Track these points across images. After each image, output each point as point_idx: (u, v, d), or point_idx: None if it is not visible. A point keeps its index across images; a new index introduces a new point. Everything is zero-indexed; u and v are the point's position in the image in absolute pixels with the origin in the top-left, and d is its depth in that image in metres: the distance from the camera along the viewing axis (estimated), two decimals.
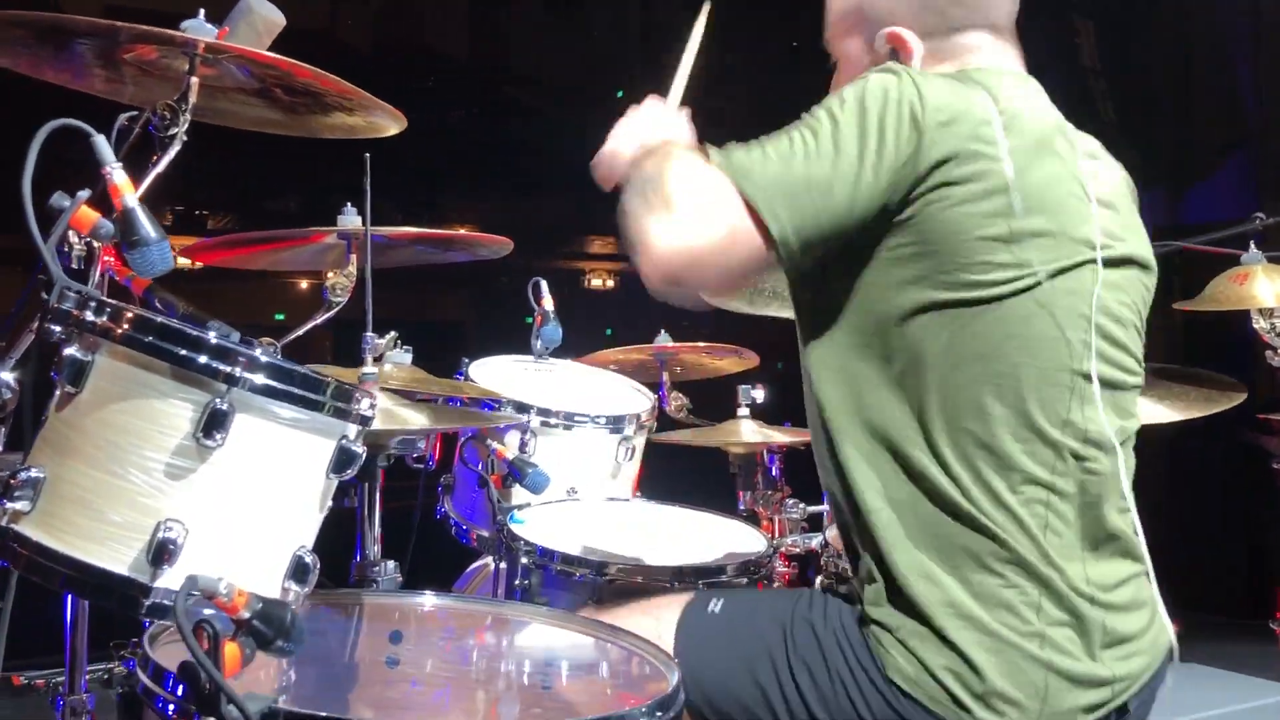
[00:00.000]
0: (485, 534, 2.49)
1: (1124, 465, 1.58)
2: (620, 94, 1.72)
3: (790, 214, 1.46)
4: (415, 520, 2.56)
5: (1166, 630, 1.63)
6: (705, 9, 1.90)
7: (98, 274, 1.88)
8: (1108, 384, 1.57)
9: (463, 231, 2.56)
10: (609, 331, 2.91)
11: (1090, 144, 1.70)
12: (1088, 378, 1.53)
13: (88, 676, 1.93)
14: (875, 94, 1.48)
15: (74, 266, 1.83)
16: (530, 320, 2.78)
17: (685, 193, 1.51)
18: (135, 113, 2.04)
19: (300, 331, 2.43)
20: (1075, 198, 1.57)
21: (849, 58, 1.73)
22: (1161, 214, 6.84)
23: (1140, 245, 1.67)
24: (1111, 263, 1.58)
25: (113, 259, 1.87)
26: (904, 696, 1.50)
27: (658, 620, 1.69)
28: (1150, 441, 1.73)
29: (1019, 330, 1.50)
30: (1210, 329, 4.13)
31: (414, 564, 2.51)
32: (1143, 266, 1.67)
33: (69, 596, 1.92)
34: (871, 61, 1.67)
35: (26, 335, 1.77)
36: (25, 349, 1.68)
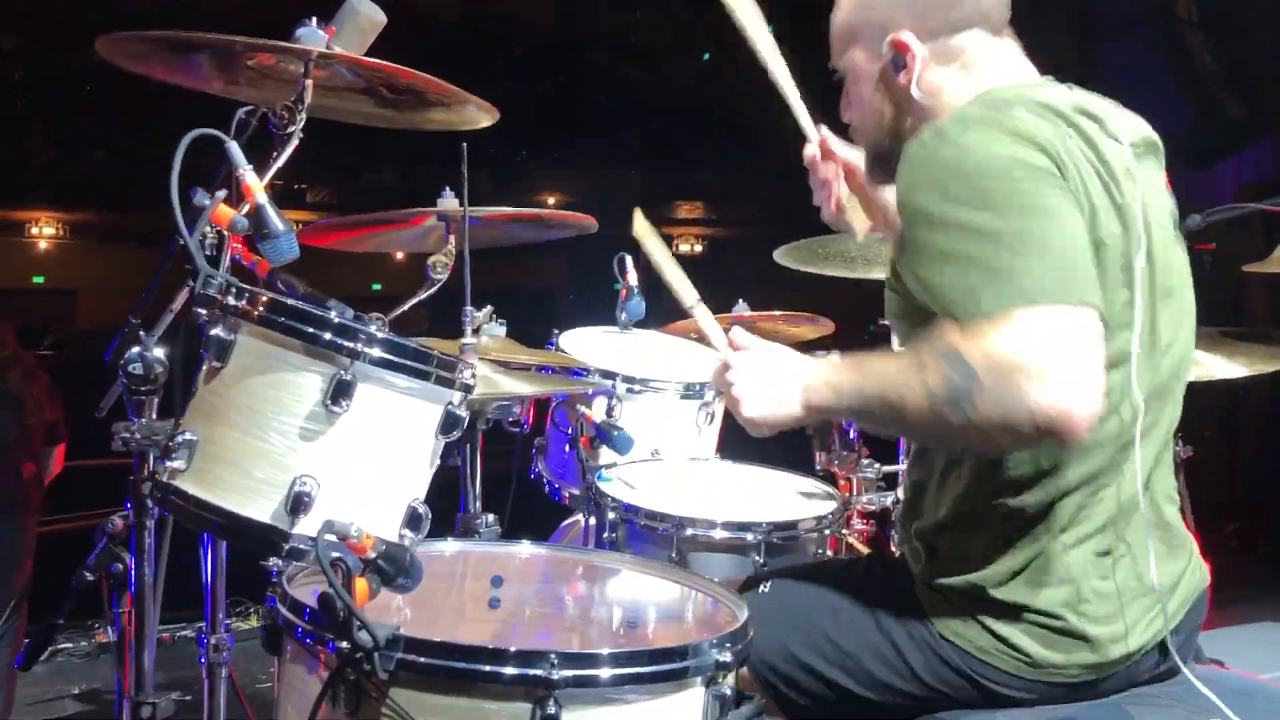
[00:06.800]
0: (576, 492, 2.68)
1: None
2: (706, 57, 1.80)
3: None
4: (513, 478, 2.76)
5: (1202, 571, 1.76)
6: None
7: (228, 259, 2.11)
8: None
9: (551, 211, 2.71)
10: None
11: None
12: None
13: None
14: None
15: (207, 254, 2.06)
16: (618, 288, 2.94)
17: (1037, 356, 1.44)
18: (252, 107, 2.25)
19: (405, 307, 2.64)
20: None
21: (856, 70, 1.79)
22: (1269, 166, 6.70)
23: None
24: None
25: (240, 245, 2.09)
26: (953, 648, 1.65)
27: None
28: (1216, 397, 1.84)
29: None
30: None
31: (513, 519, 2.72)
32: None
33: (208, 552, 2.17)
34: (878, 68, 1.76)
35: (166, 315, 2.01)
36: (165, 327, 1.92)
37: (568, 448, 2.58)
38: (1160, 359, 1.66)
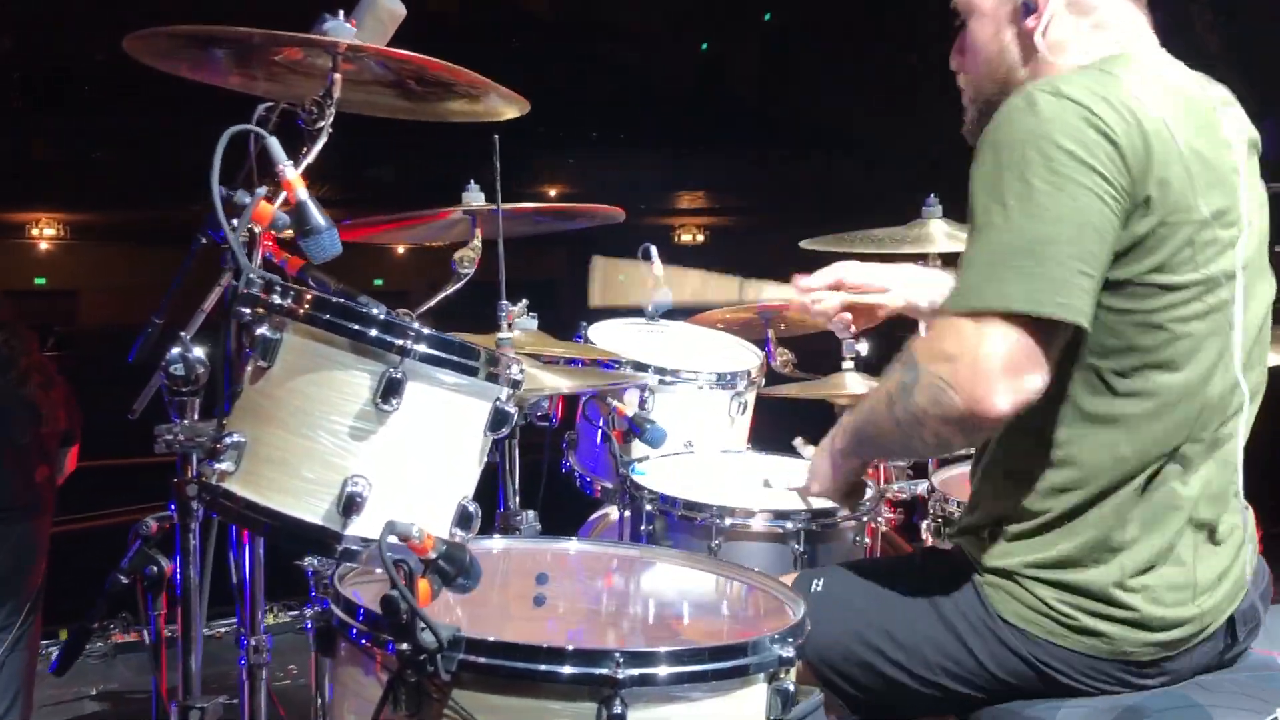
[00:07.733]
0: (608, 485, 2.66)
1: None
2: (705, 47, 1.77)
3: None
4: (544, 473, 2.74)
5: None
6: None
7: (259, 257, 2.08)
8: None
9: (582, 205, 2.68)
10: None
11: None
12: None
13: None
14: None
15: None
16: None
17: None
18: (271, 104, 2.22)
19: (433, 301, 2.61)
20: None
21: (979, 7, 1.69)
22: (1270, 145, 6.62)
23: None
24: None
25: (270, 242, 2.06)
26: (1015, 632, 1.63)
27: None
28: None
29: None
30: None
31: (543, 514, 2.69)
32: None
33: (246, 552, 2.14)
34: (1007, 9, 1.66)
35: (198, 315, 1.98)
36: (197, 327, 1.89)
37: (599, 440, 2.56)
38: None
